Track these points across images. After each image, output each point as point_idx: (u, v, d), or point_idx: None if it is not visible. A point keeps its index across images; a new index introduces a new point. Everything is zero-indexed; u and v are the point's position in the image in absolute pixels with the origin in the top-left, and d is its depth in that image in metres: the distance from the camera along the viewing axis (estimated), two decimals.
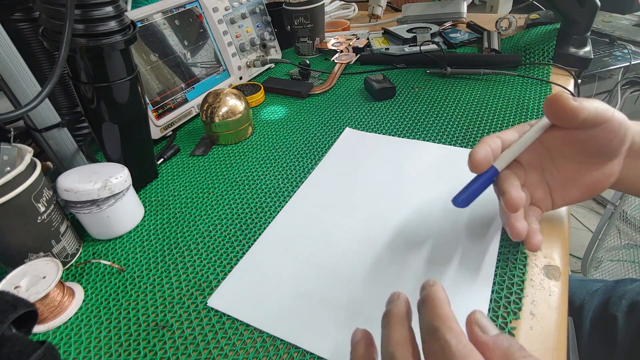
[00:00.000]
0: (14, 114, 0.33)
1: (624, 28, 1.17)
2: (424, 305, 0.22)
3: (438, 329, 0.20)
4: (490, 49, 0.71)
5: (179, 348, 0.31)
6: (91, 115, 0.43)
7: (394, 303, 0.24)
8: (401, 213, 0.41)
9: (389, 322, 0.22)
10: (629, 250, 0.96)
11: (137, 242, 0.42)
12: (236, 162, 0.54)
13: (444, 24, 0.86)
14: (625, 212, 0.96)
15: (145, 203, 0.48)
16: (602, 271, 1.04)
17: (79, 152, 0.49)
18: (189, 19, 0.64)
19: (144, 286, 0.37)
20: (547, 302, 0.31)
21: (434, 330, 0.20)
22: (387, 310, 0.23)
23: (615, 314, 0.48)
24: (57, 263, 0.35)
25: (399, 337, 0.21)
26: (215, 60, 0.69)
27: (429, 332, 0.20)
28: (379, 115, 0.59)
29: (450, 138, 0.52)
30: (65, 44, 0.34)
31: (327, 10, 1.01)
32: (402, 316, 0.23)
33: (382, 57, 0.76)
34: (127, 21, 0.40)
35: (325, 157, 0.52)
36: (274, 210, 0.44)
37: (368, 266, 0.36)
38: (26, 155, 0.36)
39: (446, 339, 0.19)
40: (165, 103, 0.60)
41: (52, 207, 0.38)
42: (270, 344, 0.31)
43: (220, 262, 0.38)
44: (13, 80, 0.40)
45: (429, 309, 0.21)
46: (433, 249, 0.36)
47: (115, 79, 0.41)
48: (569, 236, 0.37)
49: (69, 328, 0.34)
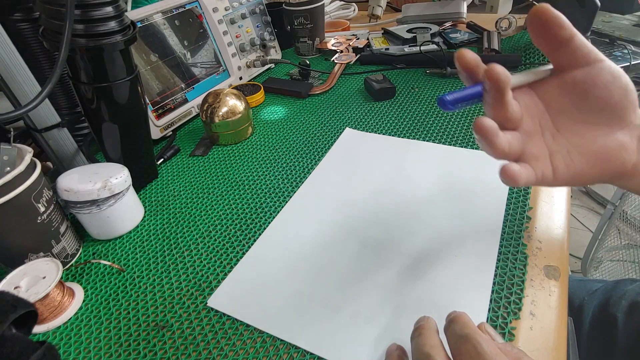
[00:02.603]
0: (14, 114, 0.33)
1: (624, 28, 1.17)
2: (453, 322, 0.24)
3: (469, 334, 0.23)
4: (490, 49, 0.71)
5: (179, 348, 0.31)
6: (91, 115, 0.43)
7: (424, 319, 0.27)
8: (401, 213, 0.41)
9: (422, 332, 0.25)
10: (629, 250, 0.97)
11: (137, 242, 0.42)
12: (236, 162, 0.54)
13: (443, 24, 0.86)
14: (625, 212, 0.96)
15: (145, 203, 0.48)
16: (602, 271, 1.04)
17: (79, 152, 0.49)
18: (189, 19, 0.64)
19: (144, 286, 0.37)
20: (547, 302, 0.31)
21: (465, 336, 0.23)
22: (420, 325, 0.26)
23: (615, 314, 0.48)
24: (57, 263, 0.35)
25: (433, 342, 0.24)
26: (215, 61, 0.69)
27: (461, 338, 0.23)
28: (379, 115, 0.59)
29: (450, 138, 0.52)
30: (65, 44, 0.34)
31: (327, 10, 1.01)
32: (434, 328, 0.26)
33: (382, 57, 0.76)
34: (127, 21, 0.40)
35: (325, 157, 0.52)
36: (274, 210, 0.44)
37: (368, 266, 0.36)
38: (26, 155, 0.36)
39: (478, 341, 0.22)
40: (165, 103, 0.60)
41: (52, 207, 0.38)
42: (270, 344, 0.31)
43: (220, 262, 0.38)
44: (13, 80, 0.40)
45: (459, 323, 0.24)
46: (433, 248, 0.36)
47: (115, 79, 0.41)
48: (569, 236, 0.37)
49: (69, 328, 0.34)
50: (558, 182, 0.28)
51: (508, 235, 0.37)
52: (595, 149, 0.27)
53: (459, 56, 0.27)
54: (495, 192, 0.41)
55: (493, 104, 0.27)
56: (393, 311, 0.32)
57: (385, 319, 0.31)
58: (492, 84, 0.26)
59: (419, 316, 0.27)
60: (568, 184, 0.29)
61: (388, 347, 0.28)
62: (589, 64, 0.27)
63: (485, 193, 0.42)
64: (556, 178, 0.28)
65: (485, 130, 0.26)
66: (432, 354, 0.23)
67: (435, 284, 0.33)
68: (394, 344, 0.28)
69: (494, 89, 0.26)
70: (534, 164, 0.28)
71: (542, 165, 0.28)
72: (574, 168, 0.28)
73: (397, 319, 0.31)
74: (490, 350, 0.21)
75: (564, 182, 0.28)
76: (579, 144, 0.28)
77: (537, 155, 0.28)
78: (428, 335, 0.25)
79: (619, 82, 0.27)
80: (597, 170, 0.28)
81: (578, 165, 0.28)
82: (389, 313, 0.31)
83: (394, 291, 0.33)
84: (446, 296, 0.32)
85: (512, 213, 0.39)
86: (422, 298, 0.32)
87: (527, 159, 0.28)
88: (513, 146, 0.27)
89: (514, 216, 0.38)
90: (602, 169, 0.28)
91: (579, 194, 1.53)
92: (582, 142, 0.28)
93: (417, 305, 0.32)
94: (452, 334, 0.24)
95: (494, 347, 0.22)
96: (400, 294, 0.33)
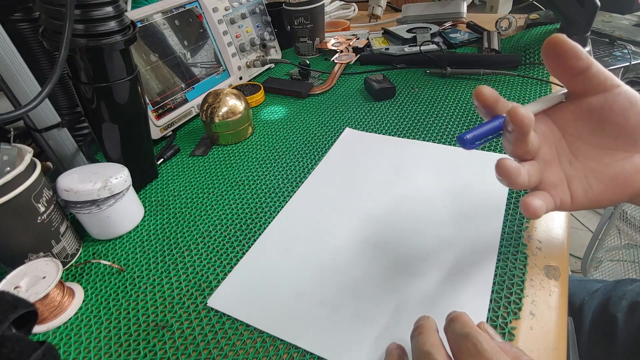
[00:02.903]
0: (14, 114, 0.33)
1: (624, 28, 1.17)
2: (453, 321, 0.24)
3: (469, 333, 0.23)
4: (490, 49, 0.71)
5: (179, 348, 0.31)
6: (91, 115, 0.43)
7: (424, 319, 0.27)
8: (401, 213, 0.41)
9: (422, 331, 0.25)
10: (629, 250, 0.96)
11: (137, 242, 0.42)
12: (236, 162, 0.54)
13: (443, 24, 0.86)
14: (625, 212, 0.96)
15: (145, 203, 0.48)
16: (602, 271, 1.03)
17: (79, 152, 0.49)
18: (189, 19, 0.64)
19: (144, 286, 0.37)
20: (547, 302, 0.31)
21: (465, 334, 0.23)
22: (419, 324, 0.26)
23: (615, 314, 0.48)
24: (57, 263, 0.35)
25: (433, 340, 0.24)
26: (215, 61, 0.69)
27: (461, 336, 0.23)
28: (379, 115, 0.59)
29: (450, 138, 0.52)
30: (65, 44, 0.34)
31: (327, 10, 1.01)
32: (434, 327, 0.26)
33: (382, 57, 0.76)
34: (127, 21, 0.40)
35: (325, 157, 0.52)
36: (274, 210, 0.44)
37: (368, 266, 0.36)
38: (26, 155, 0.36)
39: (478, 339, 0.22)
40: (165, 103, 0.60)
41: (52, 207, 0.38)
42: (270, 344, 0.31)
43: (220, 262, 0.38)
44: (13, 80, 0.40)
45: (459, 322, 0.24)
46: (433, 249, 0.36)
47: (115, 79, 0.41)
48: (569, 236, 0.37)
49: (69, 328, 0.34)
50: (576, 207, 0.28)
51: (508, 235, 0.37)
52: (612, 174, 0.27)
53: (477, 94, 0.28)
54: (495, 191, 0.41)
55: (514, 142, 0.27)
56: (393, 311, 0.32)
57: (385, 318, 0.31)
58: (515, 127, 0.26)
59: (419, 316, 0.27)
60: (586, 208, 0.29)
61: (388, 347, 0.28)
62: (606, 91, 0.27)
63: (485, 193, 0.42)
64: (574, 204, 0.28)
65: (509, 173, 0.26)
66: (433, 352, 0.23)
67: (435, 283, 0.33)
68: (394, 343, 0.28)
69: (517, 131, 0.26)
70: (553, 191, 0.28)
71: (560, 192, 0.28)
72: (592, 193, 0.28)
73: (397, 318, 0.31)
74: (490, 348, 0.22)
75: (582, 207, 0.28)
76: (596, 169, 0.28)
77: (555, 182, 0.28)
78: (428, 334, 0.25)
79: (636, 108, 0.26)
80: (615, 194, 0.28)
81: (596, 190, 0.28)
82: (389, 313, 0.31)
83: (394, 291, 0.33)
84: (446, 296, 0.32)
85: (512, 213, 0.39)
86: (422, 298, 0.32)
87: (546, 187, 0.28)
88: (532, 178, 0.28)
89: (514, 216, 0.38)
90: (621, 192, 0.28)
91: None
92: (599, 167, 0.28)
93: (417, 305, 0.32)
94: (452, 333, 0.24)
95: (494, 345, 0.22)
96: (400, 294, 0.33)
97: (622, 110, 0.26)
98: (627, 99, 0.26)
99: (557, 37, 0.26)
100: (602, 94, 0.27)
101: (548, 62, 0.28)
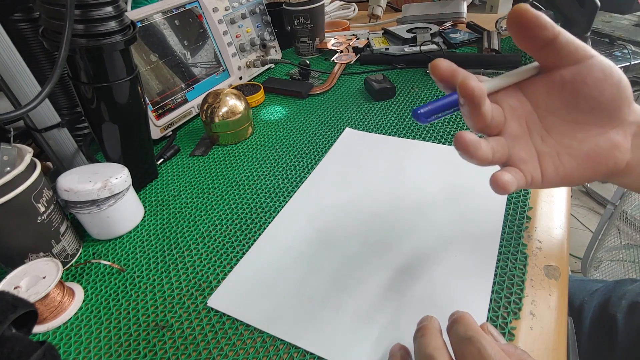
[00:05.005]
0: (14, 114, 0.33)
1: (624, 28, 1.17)
2: (456, 323, 0.24)
3: (473, 336, 0.22)
4: (490, 49, 0.71)
5: (179, 348, 0.31)
6: (91, 115, 0.43)
7: (428, 319, 0.26)
8: (401, 213, 0.41)
9: (425, 333, 0.25)
10: (629, 250, 0.96)
11: (137, 242, 0.42)
12: (236, 162, 0.54)
13: (443, 24, 0.86)
14: (625, 212, 0.96)
15: (145, 203, 0.48)
16: (602, 271, 1.04)
17: (79, 152, 0.49)
18: (189, 19, 0.64)
19: (144, 286, 0.37)
20: (547, 302, 0.31)
21: (468, 338, 0.22)
22: (422, 325, 0.26)
23: (615, 314, 0.48)
24: (57, 263, 0.35)
25: (436, 343, 0.24)
26: (215, 61, 0.69)
27: (464, 340, 0.22)
28: (379, 115, 0.59)
29: (450, 138, 0.52)
30: (65, 44, 0.34)
31: (327, 10, 1.01)
32: (437, 329, 0.25)
33: (382, 57, 0.76)
34: (127, 21, 0.40)
35: (325, 157, 0.52)
36: (274, 210, 0.44)
37: (368, 266, 0.36)
38: (26, 155, 0.36)
39: (482, 343, 0.22)
40: (165, 103, 0.60)
41: (52, 207, 0.38)
42: (270, 344, 0.31)
43: (220, 262, 0.38)
44: (13, 80, 0.40)
45: (462, 324, 0.23)
46: (433, 249, 0.36)
47: (115, 79, 0.41)
48: (569, 236, 0.37)
49: (69, 328, 0.34)
50: (547, 184, 0.28)
51: (508, 235, 0.37)
52: (586, 150, 0.26)
53: (432, 67, 0.26)
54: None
55: (470, 116, 0.26)
56: (393, 311, 0.32)
57: (385, 318, 0.31)
58: (466, 99, 0.25)
59: (419, 316, 0.27)
60: (557, 186, 0.28)
61: (391, 347, 0.28)
62: (578, 62, 0.25)
63: (485, 193, 0.41)
64: (545, 181, 0.27)
65: (466, 145, 0.25)
66: (436, 356, 0.23)
67: (436, 283, 0.33)
68: (398, 343, 0.28)
69: (469, 104, 0.25)
70: (523, 167, 0.27)
71: (531, 168, 0.27)
72: (563, 170, 0.27)
73: (398, 318, 0.31)
74: (494, 353, 0.21)
75: (554, 184, 0.28)
76: (569, 145, 0.27)
77: (525, 158, 0.27)
78: (431, 336, 0.24)
79: (610, 79, 0.25)
80: (588, 171, 0.27)
81: (567, 167, 0.27)
82: (389, 313, 0.31)
83: (394, 291, 0.33)
84: (446, 296, 0.32)
85: (512, 213, 0.39)
86: (422, 298, 0.32)
87: (516, 163, 0.27)
88: (497, 153, 0.27)
89: (514, 216, 0.38)
90: (594, 169, 0.27)
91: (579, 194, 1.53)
92: (572, 143, 0.27)
93: (417, 305, 0.32)
94: (455, 336, 0.23)
95: (498, 349, 0.22)
96: (401, 294, 0.33)
97: (596, 82, 0.25)
98: (601, 70, 0.25)
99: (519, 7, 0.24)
100: (574, 65, 0.25)
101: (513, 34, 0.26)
